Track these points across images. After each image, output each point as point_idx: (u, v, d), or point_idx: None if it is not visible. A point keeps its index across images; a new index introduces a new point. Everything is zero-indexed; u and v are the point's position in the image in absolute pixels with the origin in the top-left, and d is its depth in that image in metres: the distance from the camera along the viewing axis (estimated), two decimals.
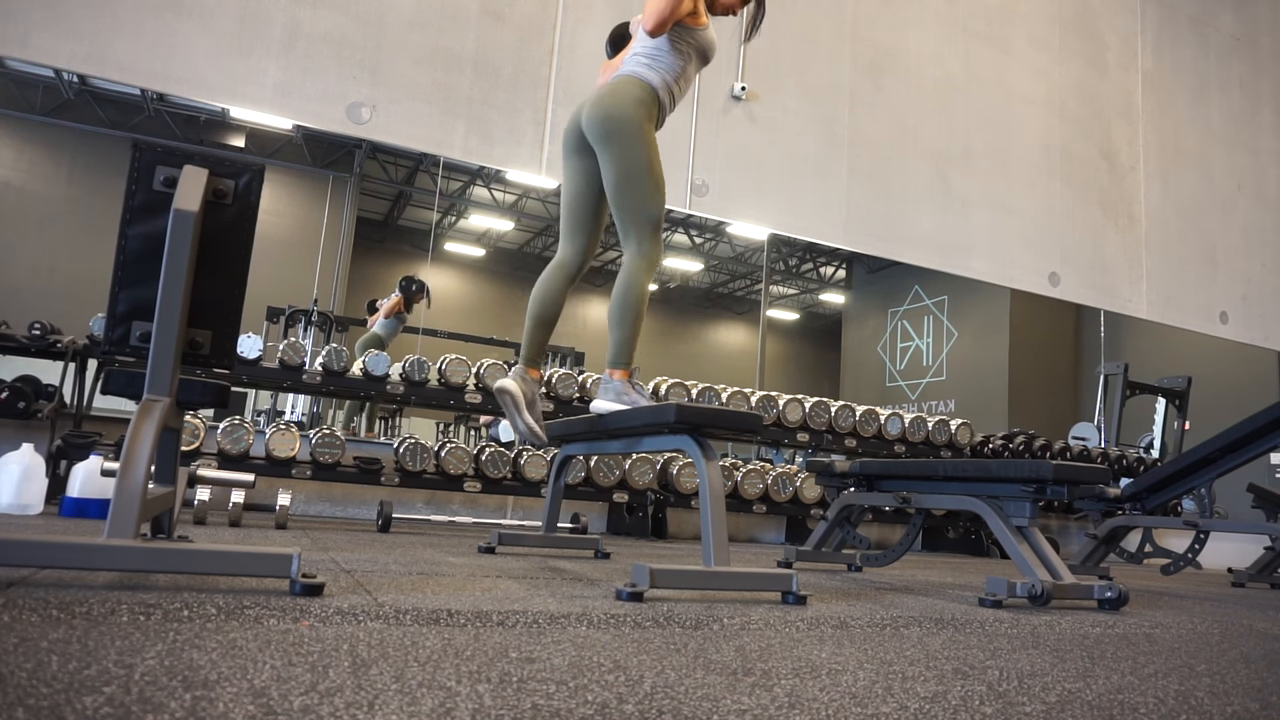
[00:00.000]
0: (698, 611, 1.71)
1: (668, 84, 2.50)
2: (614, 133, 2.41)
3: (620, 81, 2.48)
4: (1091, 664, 1.44)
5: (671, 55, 2.49)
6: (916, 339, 13.74)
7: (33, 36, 3.48)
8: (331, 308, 10.08)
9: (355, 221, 12.05)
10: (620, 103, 2.42)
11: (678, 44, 2.49)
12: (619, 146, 2.41)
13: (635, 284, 2.42)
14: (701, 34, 2.54)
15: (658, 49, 2.49)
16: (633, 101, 2.42)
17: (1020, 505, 2.59)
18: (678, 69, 2.51)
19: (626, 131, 2.40)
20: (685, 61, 2.52)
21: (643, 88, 2.45)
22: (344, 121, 4.01)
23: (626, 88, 2.45)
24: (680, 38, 2.49)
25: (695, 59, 2.56)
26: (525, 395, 2.49)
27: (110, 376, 2.00)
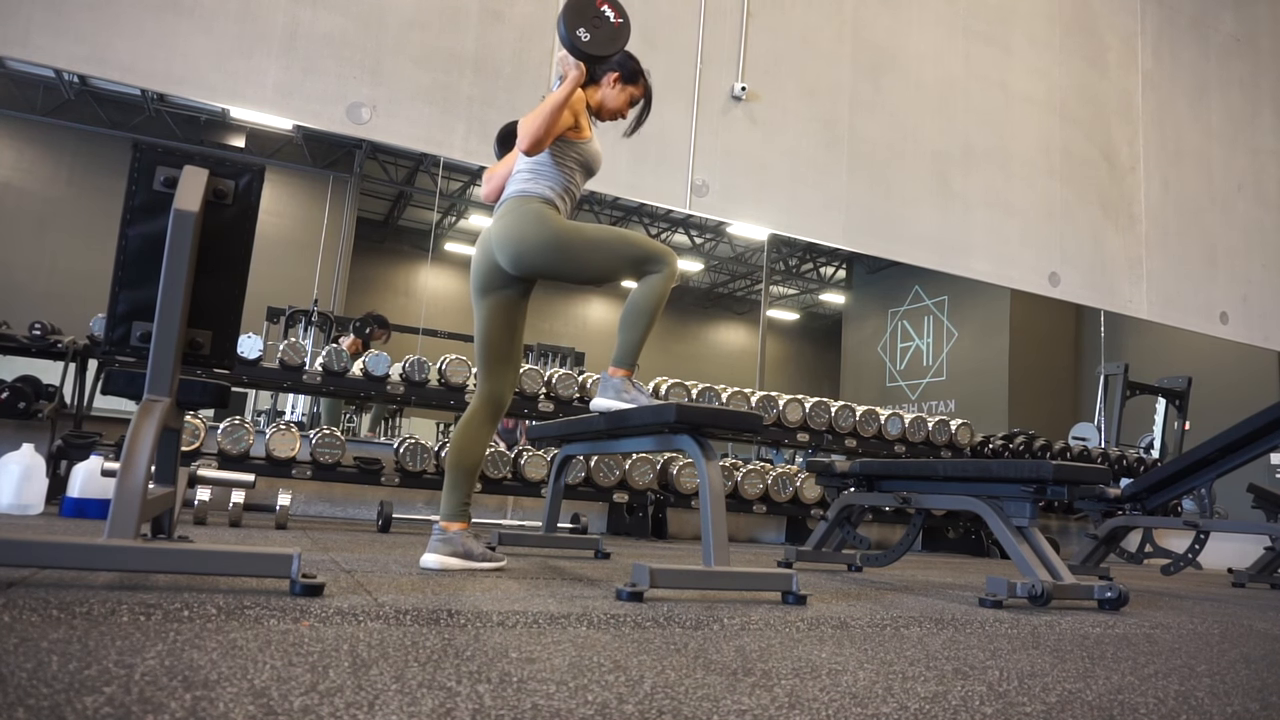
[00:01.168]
0: (698, 611, 1.71)
1: (559, 194, 2.40)
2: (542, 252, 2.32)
3: (512, 205, 2.37)
4: (1091, 664, 1.44)
5: (554, 170, 2.40)
6: (916, 339, 13.74)
7: (33, 36, 3.48)
8: (331, 308, 10.08)
9: (355, 221, 12.05)
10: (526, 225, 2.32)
11: (560, 159, 2.40)
12: (556, 256, 2.32)
13: (656, 293, 2.36)
14: (584, 147, 2.43)
15: (539, 165, 2.40)
16: (534, 217, 2.33)
17: (1020, 505, 2.59)
18: (564, 181, 2.41)
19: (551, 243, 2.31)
20: (569, 175, 2.43)
21: (536, 201, 2.36)
22: (344, 122, 4.01)
23: (522, 209, 2.35)
24: (562, 152, 2.40)
25: (580, 171, 2.46)
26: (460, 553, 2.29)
27: (110, 376, 2.00)
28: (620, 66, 2.47)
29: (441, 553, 2.28)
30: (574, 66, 2.32)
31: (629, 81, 2.50)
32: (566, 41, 2.24)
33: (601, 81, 2.48)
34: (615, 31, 2.28)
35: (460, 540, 2.31)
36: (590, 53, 2.25)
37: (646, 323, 2.39)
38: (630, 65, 2.49)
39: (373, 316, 6.71)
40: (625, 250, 2.35)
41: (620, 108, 2.52)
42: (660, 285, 2.37)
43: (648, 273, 2.37)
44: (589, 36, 2.24)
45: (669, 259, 2.37)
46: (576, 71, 2.31)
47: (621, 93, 2.50)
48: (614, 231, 2.38)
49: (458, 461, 2.41)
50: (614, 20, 2.28)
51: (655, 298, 2.37)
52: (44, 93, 10.33)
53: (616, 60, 2.45)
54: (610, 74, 2.47)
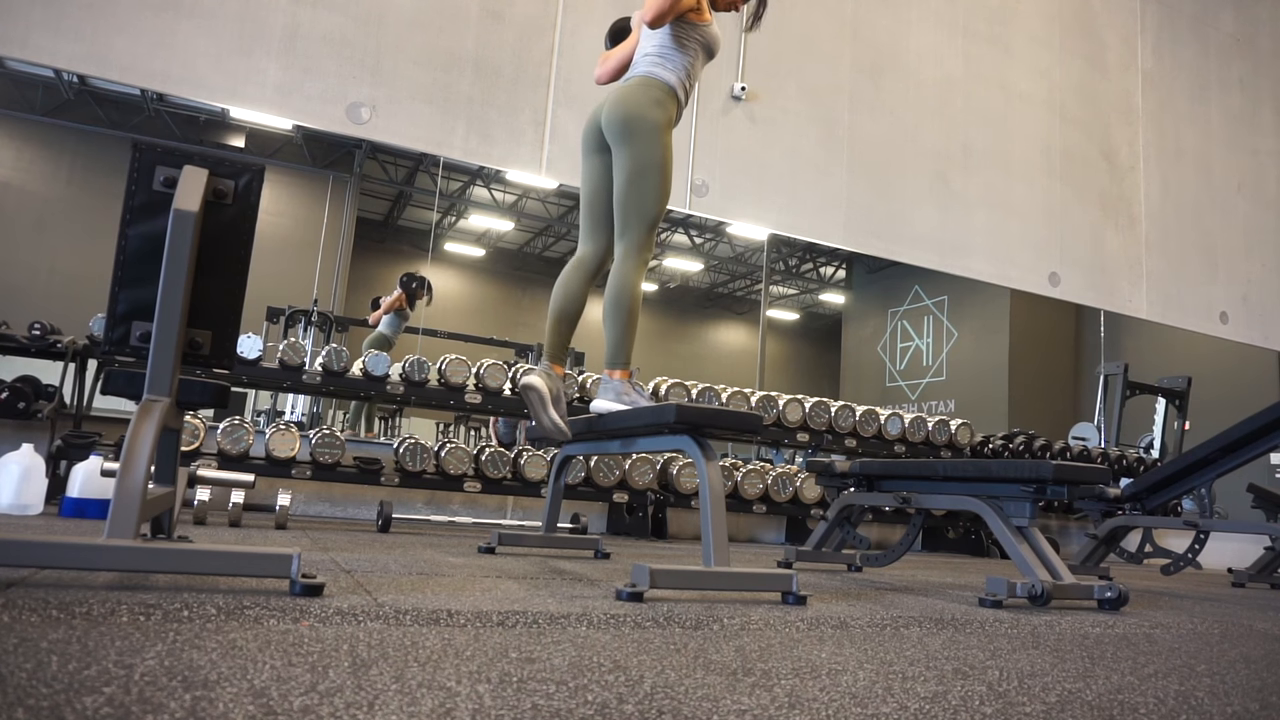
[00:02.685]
0: (698, 611, 1.71)
1: (682, 81, 2.53)
2: (634, 132, 2.43)
3: (639, 82, 2.50)
4: (1091, 664, 1.44)
5: (680, 52, 2.52)
6: (916, 339, 13.74)
7: (33, 36, 3.48)
8: (331, 308, 10.07)
9: (355, 221, 12.04)
10: (641, 104, 2.45)
11: (684, 40, 2.52)
12: (636, 145, 2.43)
13: (628, 282, 2.43)
14: (706, 29, 2.56)
15: (666, 47, 2.51)
16: (652, 103, 2.45)
17: (1020, 505, 2.59)
18: (687, 65, 2.54)
19: (645, 131, 2.43)
20: (693, 58, 2.55)
21: (662, 89, 2.48)
22: (344, 121, 4.01)
23: (646, 89, 2.47)
24: (686, 34, 2.51)
25: (701, 54, 2.58)
26: (551, 391, 2.48)
27: (110, 376, 2.00)
28: None
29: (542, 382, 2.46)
30: None
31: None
32: None
33: None
34: None
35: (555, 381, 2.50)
36: None
37: (626, 317, 2.43)
38: None
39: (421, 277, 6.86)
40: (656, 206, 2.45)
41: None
42: (634, 277, 2.44)
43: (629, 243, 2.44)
44: None
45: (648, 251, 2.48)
46: None
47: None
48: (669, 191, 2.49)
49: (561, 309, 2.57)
50: None
51: (630, 290, 2.43)
52: (43, 92, 10.33)
53: None
54: None
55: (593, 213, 2.62)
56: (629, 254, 2.44)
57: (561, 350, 2.58)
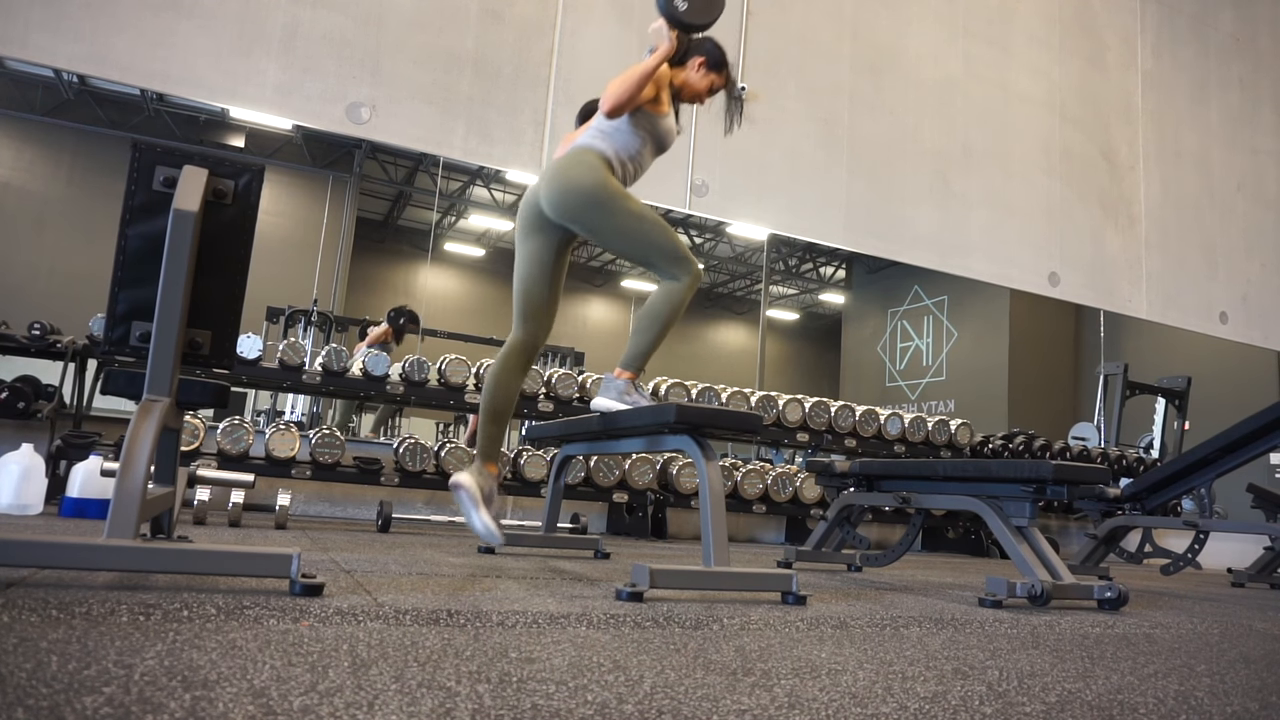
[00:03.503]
0: (698, 611, 1.71)
1: (621, 158, 2.44)
2: (584, 202, 2.36)
3: (572, 154, 2.43)
4: (1091, 664, 1.44)
5: (627, 135, 2.45)
6: (916, 339, 13.74)
7: (32, 36, 3.48)
8: (331, 308, 10.08)
9: (355, 221, 12.05)
10: (577, 172, 2.37)
11: (635, 126, 2.45)
12: (595, 211, 2.36)
13: (675, 301, 2.37)
14: (660, 121, 2.49)
15: (614, 126, 2.44)
16: (588, 167, 2.37)
17: (1020, 505, 2.59)
18: (633, 149, 2.46)
19: (594, 195, 2.35)
20: (641, 144, 2.48)
21: (595, 155, 2.40)
22: (344, 121, 4.01)
23: (579, 157, 2.40)
24: (636, 120, 2.45)
25: (651, 144, 2.51)
26: (483, 490, 2.37)
27: (110, 376, 2.00)
28: (708, 53, 2.55)
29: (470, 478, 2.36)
30: (667, 38, 2.41)
31: (714, 68, 2.56)
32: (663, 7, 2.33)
33: (688, 63, 2.55)
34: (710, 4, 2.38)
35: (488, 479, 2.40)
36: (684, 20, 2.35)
37: (660, 329, 2.40)
38: (717, 53, 2.56)
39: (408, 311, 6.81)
40: (660, 238, 2.39)
41: (701, 91, 2.58)
42: (681, 293, 2.38)
43: (669, 275, 2.38)
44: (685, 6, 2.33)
45: (694, 270, 2.39)
46: (668, 44, 2.40)
47: (705, 77, 2.56)
48: (657, 216, 2.42)
49: (490, 404, 2.48)
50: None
51: (674, 305, 2.38)
52: (43, 92, 10.33)
53: (706, 46, 2.55)
54: (696, 58, 2.54)
55: (528, 298, 2.52)
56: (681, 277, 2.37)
57: (495, 448, 2.46)
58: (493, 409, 2.47)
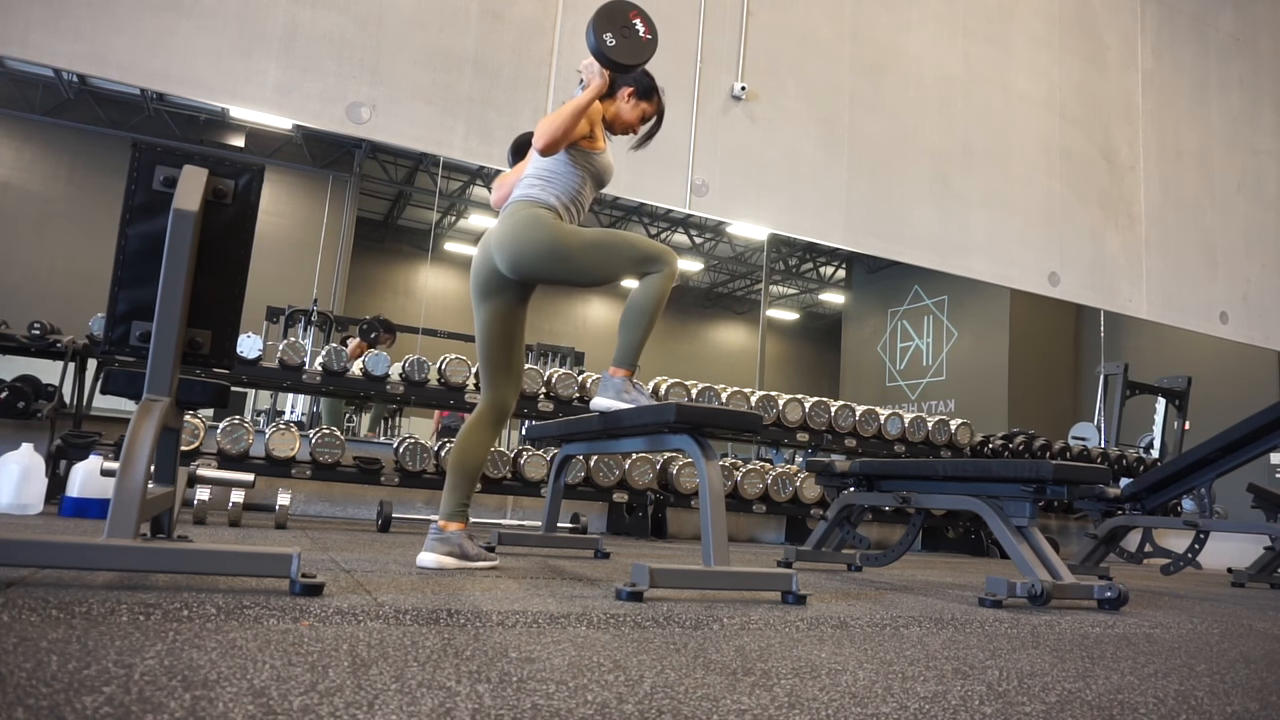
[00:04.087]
0: (698, 611, 1.71)
1: (564, 203, 2.42)
2: (544, 258, 2.33)
3: (516, 209, 2.39)
4: (1091, 664, 1.44)
5: (566, 176, 2.42)
6: (916, 339, 13.74)
7: (32, 36, 3.48)
8: (331, 308, 10.08)
9: (355, 221, 12.04)
10: (526, 228, 2.34)
11: (573, 166, 2.43)
12: (557, 263, 2.34)
13: (656, 293, 2.37)
14: (598, 158, 2.47)
15: (552, 170, 2.42)
16: (536, 223, 2.34)
17: (1020, 505, 2.59)
18: (574, 189, 2.44)
19: (552, 249, 2.32)
20: (581, 184, 2.45)
21: (541, 209, 2.38)
22: (344, 121, 4.01)
23: (527, 215, 2.37)
24: (574, 159, 2.43)
25: (590, 181, 2.48)
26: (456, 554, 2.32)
27: (110, 376, 2.00)
28: (636, 82, 2.51)
29: (438, 551, 2.30)
30: (598, 75, 2.37)
31: (643, 97, 2.53)
32: (593, 46, 2.28)
33: (617, 95, 2.51)
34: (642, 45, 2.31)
35: (457, 540, 2.33)
36: (614, 59, 2.29)
37: (647, 323, 2.40)
38: (646, 81, 2.52)
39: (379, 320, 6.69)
40: (624, 251, 2.36)
41: (633, 122, 2.55)
42: (660, 285, 2.37)
43: (648, 273, 2.38)
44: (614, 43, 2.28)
45: (669, 258, 2.38)
46: (600, 80, 2.37)
47: (635, 108, 2.53)
48: (612, 234, 2.39)
49: (459, 463, 2.44)
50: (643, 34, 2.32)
51: (655, 297, 2.38)
52: (43, 92, 10.33)
53: (633, 76, 2.50)
54: (625, 89, 2.51)
55: (489, 360, 2.51)
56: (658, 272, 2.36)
57: (463, 509, 2.41)
58: (463, 469, 2.43)
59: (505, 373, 2.53)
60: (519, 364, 2.56)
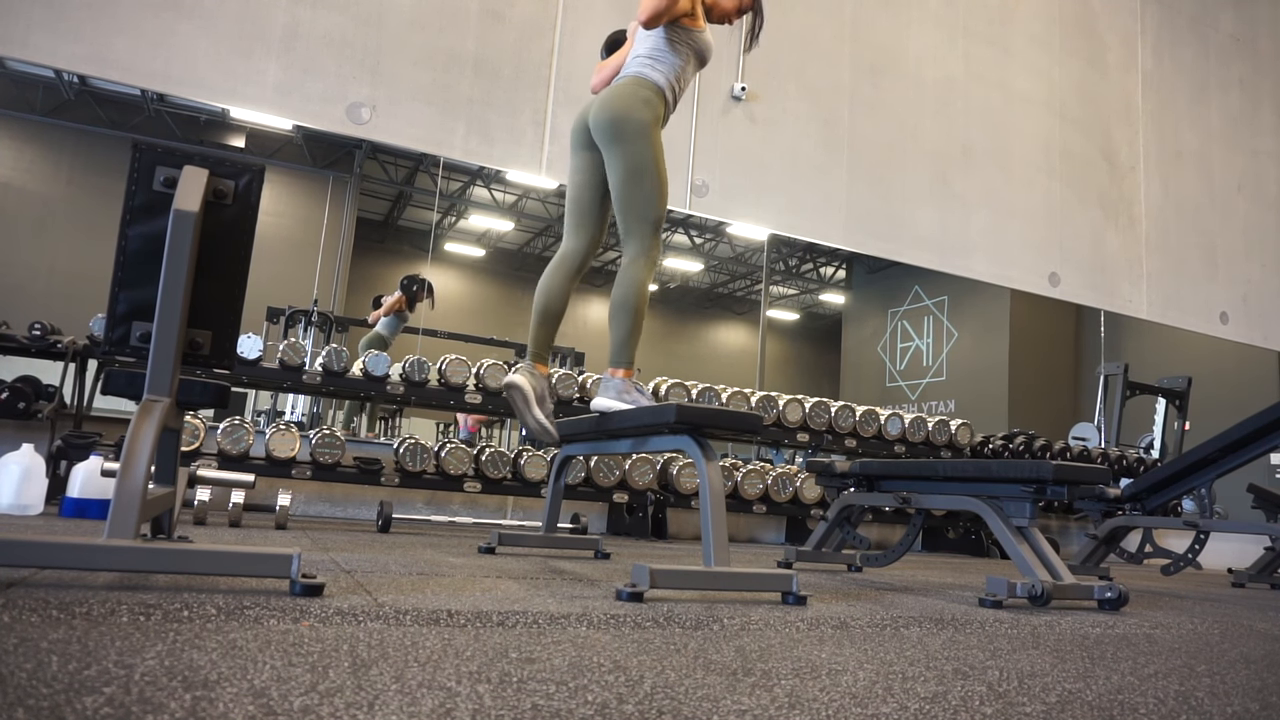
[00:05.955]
0: (698, 612, 1.71)
1: (670, 83, 2.54)
2: (621, 133, 2.44)
3: (627, 82, 2.51)
4: (1091, 664, 1.44)
5: (671, 55, 2.53)
6: (916, 339, 13.74)
7: (33, 36, 3.48)
8: (331, 308, 10.07)
9: (355, 221, 12.04)
10: (628, 104, 2.46)
11: (676, 44, 2.54)
12: (626, 146, 2.44)
13: (636, 283, 2.43)
14: (699, 36, 2.58)
15: (658, 49, 2.53)
16: (640, 102, 2.46)
17: (1020, 505, 2.59)
18: (678, 68, 2.55)
19: (633, 132, 2.43)
20: (684, 62, 2.57)
21: (650, 87, 2.50)
22: (344, 121, 4.01)
23: (634, 88, 2.48)
24: (679, 38, 2.54)
25: (693, 60, 2.60)
26: (535, 391, 2.48)
27: (110, 376, 2.00)
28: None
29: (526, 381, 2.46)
30: None
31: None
32: None
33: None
34: None
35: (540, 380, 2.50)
36: None
37: (634, 316, 2.43)
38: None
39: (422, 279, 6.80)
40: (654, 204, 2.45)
41: (730, 10, 2.68)
42: (641, 275, 2.44)
43: (634, 243, 2.45)
44: None
45: (656, 250, 2.47)
46: None
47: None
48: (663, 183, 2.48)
49: (541, 305, 2.58)
50: None
51: (638, 288, 2.44)
52: (44, 93, 10.33)
53: None
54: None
55: (578, 209, 2.63)
56: (637, 257, 2.44)
57: (545, 349, 2.58)
58: (544, 311, 2.56)
59: (587, 222, 2.62)
60: (603, 220, 2.65)
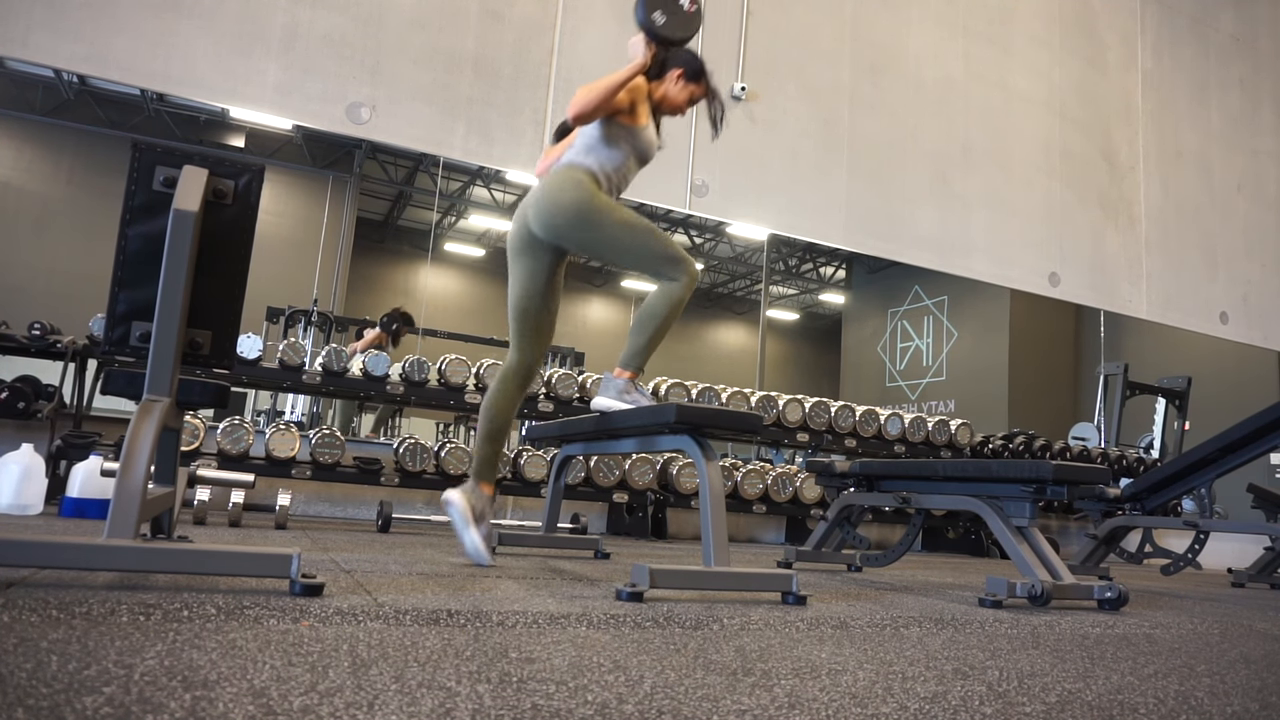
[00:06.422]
0: (698, 611, 1.71)
1: (606, 172, 2.45)
2: (574, 220, 2.37)
3: (559, 173, 2.44)
4: (1091, 664, 1.44)
5: (607, 150, 2.45)
6: (916, 339, 13.74)
7: (33, 36, 3.48)
8: (331, 308, 10.07)
9: (355, 221, 12.04)
10: (563, 189, 2.38)
11: (614, 140, 2.45)
12: (586, 228, 2.37)
13: (671, 299, 2.38)
14: (640, 132, 2.49)
15: (594, 141, 2.45)
16: (573, 184, 2.38)
17: (1020, 505, 2.59)
18: (617, 162, 2.46)
19: (583, 212, 2.36)
20: (624, 158, 2.48)
21: (581, 171, 2.42)
22: (344, 121, 4.01)
23: (566, 176, 2.41)
24: (616, 134, 2.45)
25: (634, 156, 2.51)
26: (475, 509, 2.41)
27: (110, 376, 2.00)
28: (685, 64, 2.55)
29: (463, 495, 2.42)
30: (643, 51, 2.42)
31: (692, 79, 2.56)
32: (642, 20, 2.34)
33: (666, 76, 2.55)
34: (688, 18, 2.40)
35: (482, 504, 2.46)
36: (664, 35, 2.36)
37: (659, 328, 2.41)
38: (695, 64, 2.56)
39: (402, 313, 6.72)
40: (652, 243, 2.39)
41: (681, 104, 2.58)
42: (678, 293, 2.38)
43: (668, 277, 2.39)
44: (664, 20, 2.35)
45: (690, 269, 2.40)
46: (643, 57, 2.42)
47: (684, 89, 2.56)
48: (647, 223, 2.42)
49: (487, 425, 2.53)
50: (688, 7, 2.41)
51: (672, 304, 2.39)
52: (43, 92, 10.33)
53: (683, 58, 2.54)
54: (675, 70, 2.54)
55: (523, 320, 2.55)
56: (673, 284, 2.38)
57: (492, 468, 2.48)
58: (493, 429, 2.51)
59: (533, 338, 2.56)
60: (548, 331, 2.60)
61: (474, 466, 2.51)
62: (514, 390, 2.55)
